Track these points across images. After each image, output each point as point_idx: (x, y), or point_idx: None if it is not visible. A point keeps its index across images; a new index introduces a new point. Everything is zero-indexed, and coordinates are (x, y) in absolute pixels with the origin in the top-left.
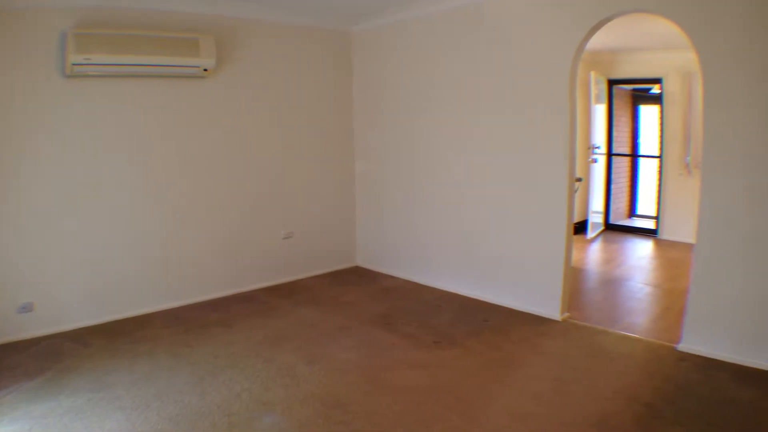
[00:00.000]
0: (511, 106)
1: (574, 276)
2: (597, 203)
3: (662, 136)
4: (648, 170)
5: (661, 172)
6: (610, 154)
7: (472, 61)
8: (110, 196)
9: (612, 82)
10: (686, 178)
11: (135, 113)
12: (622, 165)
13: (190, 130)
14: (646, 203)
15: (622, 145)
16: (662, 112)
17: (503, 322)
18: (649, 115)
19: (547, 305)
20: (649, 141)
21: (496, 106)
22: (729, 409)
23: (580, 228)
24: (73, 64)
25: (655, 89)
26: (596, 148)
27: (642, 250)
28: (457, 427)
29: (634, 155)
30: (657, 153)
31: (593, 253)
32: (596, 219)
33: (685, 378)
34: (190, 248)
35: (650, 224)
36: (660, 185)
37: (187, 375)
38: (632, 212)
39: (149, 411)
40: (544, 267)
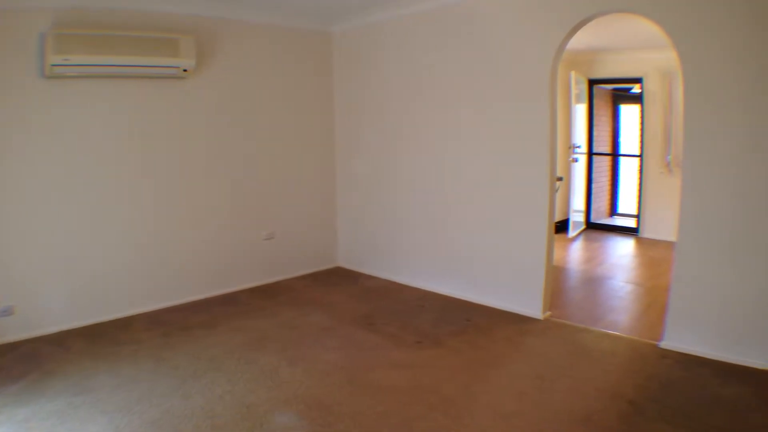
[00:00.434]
0: (492, 105)
1: (556, 275)
2: (578, 202)
3: (643, 135)
4: (629, 169)
5: (641, 171)
6: (590, 154)
7: (453, 61)
8: (90, 198)
9: (592, 82)
10: (667, 176)
11: (114, 114)
12: (602, 164)
13: (170, 130)
14: (627, 202)
15: (603, 145)
16: (643, 111)
17: (485, 322)
18: (630, 114)
19: (529, 304)
20: (630, 140)
21: (477, 106)
22: (712, 406)
23: (562, 227)
24: (52, 65)
25: (636, 89)
26: (577, 147)
27: (623, 248)
28: (440, 426)
29: (615, 154)
30: (638, 152)
31: (575, 251)
32: (577, 218)
33: (667, 375)
34: (171, 250)
35: (631, 223)
36: (641, 184)
37: (170, 378)
38: (613, 211)
39: (132, 415)
40: (525, 266)
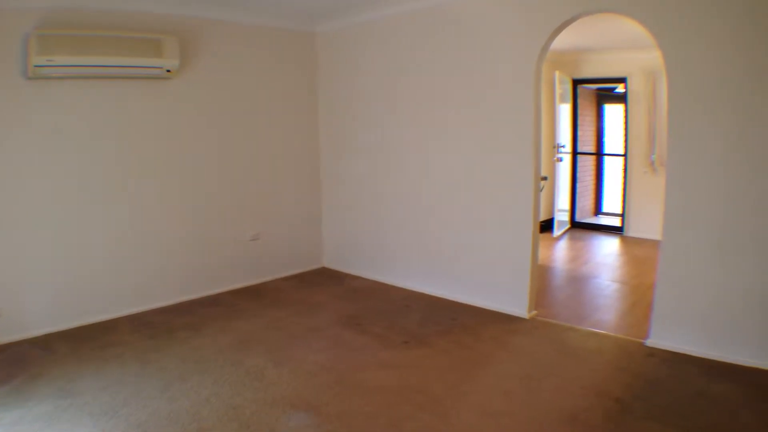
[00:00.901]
0: (477, 106)
1: (542, 274)
2: (563, 201)
3: (627, 134)
4: (613, 168)
5: (626, 170)
6: (575, 153)
7: (438, 61)
8: (74, 199)
9: (577, 82)
10: (651, 175)
11: (98, 115)
12: (587, 163)
13: (155, 131)
14: (612, 201)
15: (587, 144)
16: (627, 111)
17: (471, 321)
18: (614, 114)
19: (515, 303)
20: (614, 140)
21: (462, 106)
22: (698, 403)
23: (547, 226)
24: (35, 66)
25: (620, 88)
26: (561, 147)
27: (608, 247)
28: (428, 426)
29: (600, 154)
30: (622, 151)
31: (560, 251)
32: (562, 217)
33: (654, 373)
34: (156, 252)
35: (616, 222)
36: (625, 183)
37: (156, 380)
38: (598, 210)
39: (118, 417)
40: (511, 265)
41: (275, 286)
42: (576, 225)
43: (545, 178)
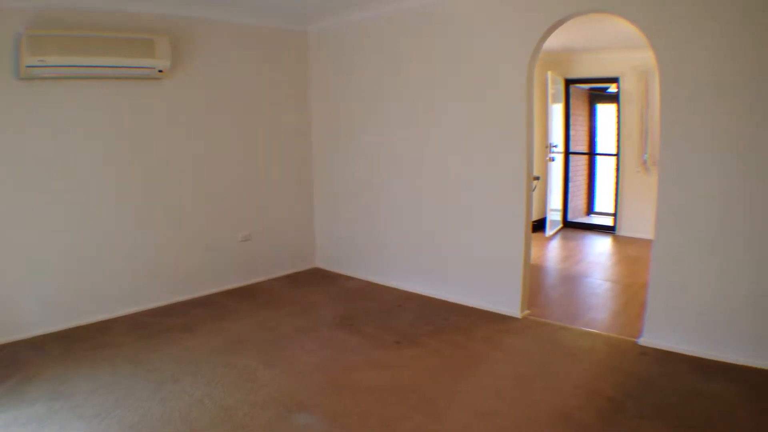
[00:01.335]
0: (469, 106)
1: (534, 273)
2: (555, 201)
3: (619, 134)
4: (605, 168)
5: (618, 169)
6: (567, 153)
7: (430, 61)
8: (66, 200)
9: (569, 82)
10: (644, 175)
11: (90, 116)
12: (579, 163)
13: (146, 131)
14: (604, 201)
15: (580, 144)
16: (619, 110)
17: (464, 321)
18: (606, 113)
19: (508, 303)
20: (607, 139)
21: (454, 106)
22: (691, 402)
23: (539, 226)
24: (27, 66)
25: (612, 88)
26: (554, 146)
27: (601, 246)
28: (421, 426)
29: (592, 153)
30: (614, 151)
31: (552, 250)
32: (555, 217)
33: (646, 372)
34: (149, 252)
35: (608, 221)
36: (618, 183)
37: (148, 382)
38: (590, 210)
39: (110, 419)
40: (503, 265)
41: (268, 287)
42: (568, 224)
43: (538, 178)
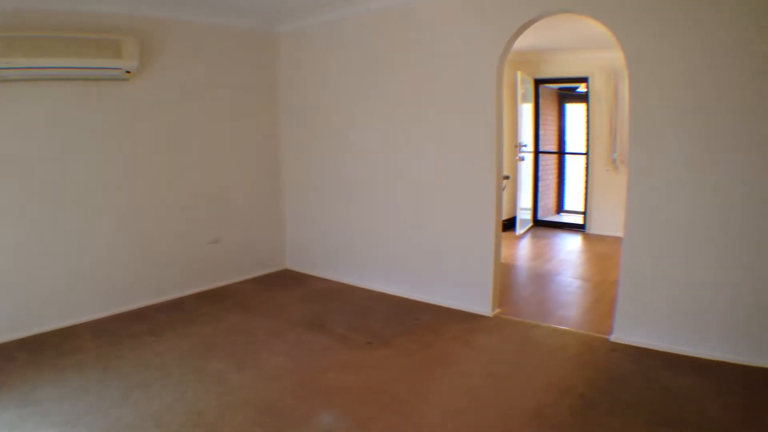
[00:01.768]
0: (439, 106)
1: (505, 272)
2: (525, 200)
3: (589, 133)
4: (575, 167)
5: (588, 168)
6: (537, 152)
7: (400, 62)
8: (32, 204)
9: (538, 82)
10: (613, 173)
11: (57, 117)
12: (549, 162)
13: (113, 132)
14: (574, 199)
15: (549, 143)
16: (588, 110)
17: (435, 321)
18: (576, 113)
19: (479, 302)
20: (576, 138)
21: (424, 106)
22: (663, 397)
23: (509, 225)
24: None
25: (582, 88)
26: (523, 146)
27: (571, 244)
28: (393, 426)
29: (561, 152)
30: (584, 150)
31: (523, 249)
32: (525, 215)
33: (618, 368)
34: (115, 257)
35: (578, 219)
36: (587, 181)
37: (117, 387)
38: (560, 208)
39: (80, 426)
40: (474, 264)
41: (237, 289)
42: (539, 223)
43: (507, 177)
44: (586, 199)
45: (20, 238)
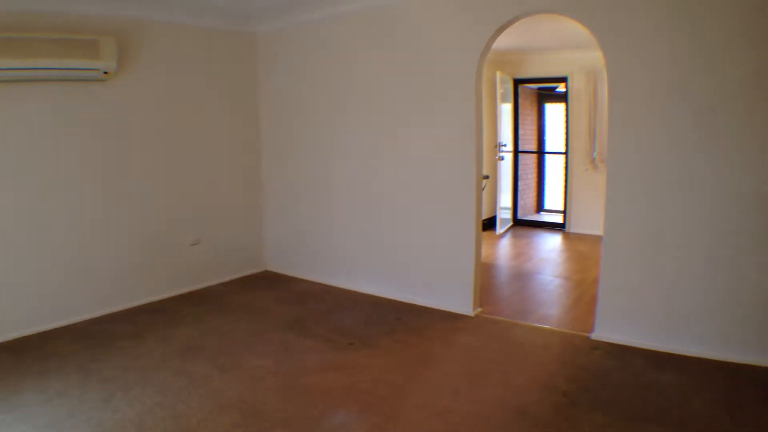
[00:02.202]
0: (419, 106)
1: (486, 272)
2: (505, 199)
3: (568, 133)
4: (555, 166)
5: (567, 167)
6: (516, 152)
7: (381, 62)
8: (8, 205)
9: (518, 82)
10: (592, 172)
11: (33, 119)
12: (529, 162)
13: (91, 134)
14: (554, 198)
15: (529, 143)
16: (568, 109)
17: (417, 321)
18: (555, 112)
19: (460, 301)
20: (556, 138)
21: (405, 107)
22: (645, 394)
23: (489, 224)
24: None
25: (561, 88)
26: (503, 146)
27: (551, 243)
28: (376, 426)
29: (541, 152)
30: (563, 149)
31: (503, 248)
32: (505, 215)
33: (600, 365)
34: (95, 259)
35: (558, 218)
36: (567, 180)
37: (99, 391)
38: (540, 207)
39: (62, 430)
40: (455, 264)
41: (218, 291)
42: (519, 222)
43: (487, 177)
44: (565, 198)
45: None
